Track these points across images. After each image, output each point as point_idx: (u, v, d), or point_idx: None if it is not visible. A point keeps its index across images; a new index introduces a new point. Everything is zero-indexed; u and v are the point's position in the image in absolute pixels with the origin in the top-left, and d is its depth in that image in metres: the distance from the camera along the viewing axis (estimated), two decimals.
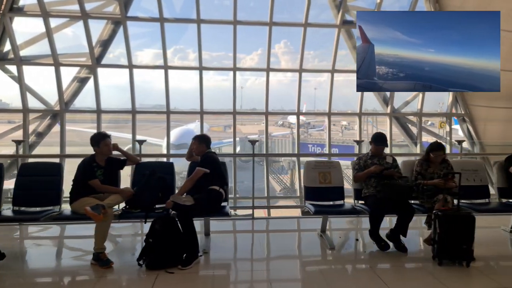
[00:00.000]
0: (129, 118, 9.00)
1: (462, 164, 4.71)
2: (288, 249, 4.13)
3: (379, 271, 3.50)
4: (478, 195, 4.56)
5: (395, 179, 4.01)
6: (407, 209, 3.87)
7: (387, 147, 4.26)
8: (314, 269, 3.62)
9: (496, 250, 4.16)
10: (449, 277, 3.29)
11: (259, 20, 8.77)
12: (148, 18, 8.47)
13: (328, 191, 4.36)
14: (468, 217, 3.49)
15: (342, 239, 4.39)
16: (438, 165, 4.17)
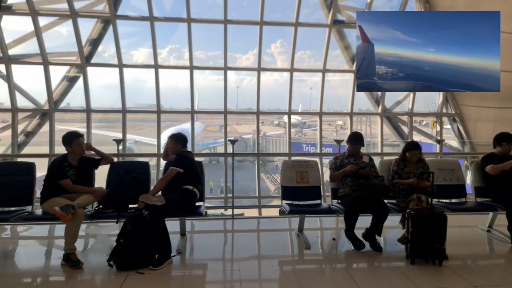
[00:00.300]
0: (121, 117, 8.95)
1: (439, 164, 4.70)
2: (266, 249, 4.09)
3: (351, 270, 3.50)
4: (455, 194, 4.56)
5: (371, 179, 4.01)
6: (382, 209, 3.84)
7: (363, 146, 4.24)
8: (288, 269, 3.59)
9: (471, 249, 4.16)
10: (420, 276, 3.29)
11: (249, 20, 8.76)
12: (137, 17, 8.43)
13: (305, 190, 4.33)
14: (440, 216, 3.48)
15: (319, 239, 4.34)
16: (415, 164, 4.17)
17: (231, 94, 8.97)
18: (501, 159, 4.26)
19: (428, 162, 4.53)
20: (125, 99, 8.79)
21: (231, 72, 9.17)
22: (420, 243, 3.48)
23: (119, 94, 8.74)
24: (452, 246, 4.27)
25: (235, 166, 18.71)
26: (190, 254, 3.90)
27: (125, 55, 8.69)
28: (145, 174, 4.09)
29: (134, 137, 26.09)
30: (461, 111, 10.03)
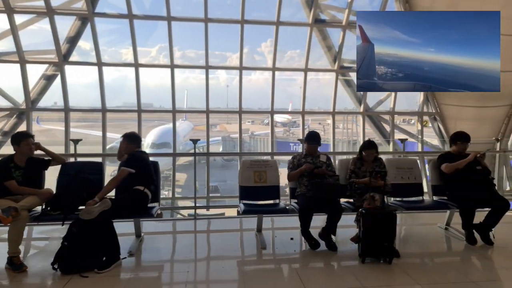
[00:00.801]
0: (116, 116, 8.81)
1: (397, 163, 4.74)
2: (223, 249, 4.05)
3: (302, 270, 3.50)
4: (412, 193, 4.60)
5: (326, 178, 4.01)
6: (335, 208, 3.87)
7: (319, 145, 4.24)
8: (241, 269, 3.57)
9: (426, 247, 4.23)
10: (367, 275, 3.31)
11: (231, 18, 8.69)
12: (116, 14, 8.30)
13: (263, 190, 4.32)
14: (390, 215, 3.51)
15: (277, 238, 4.30)
16: (371, 163, 4.18)
17: (222, 93, 8.91)
18: (457, 158, 4.31)
19: (387, 161, 4.60)
20: (104, 98, 8.66)
21: (222, 71, 9.10)
22: (370, 242, 3.51)
23: (108, 93, 8.59)
24: (409, 244, 4.41)
25: (224, 165, 19.00)
26: (144, 256, 3.82)
27: (114, 53, 8.57)
28: (98, 175, 3.99)
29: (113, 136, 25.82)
30: (441, 110, 10.15)
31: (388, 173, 4.38)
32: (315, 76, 20.83)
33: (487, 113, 10.01)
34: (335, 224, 3.88)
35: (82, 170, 3.71)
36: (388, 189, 3.94)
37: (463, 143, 4.38)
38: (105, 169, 4.13)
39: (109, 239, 3.31)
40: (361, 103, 9.84)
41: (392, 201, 4.40)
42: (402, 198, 4.50)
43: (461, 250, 4.10)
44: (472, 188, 4.12)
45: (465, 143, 4.39)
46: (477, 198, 4.09)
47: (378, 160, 4.23)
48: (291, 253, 3.90)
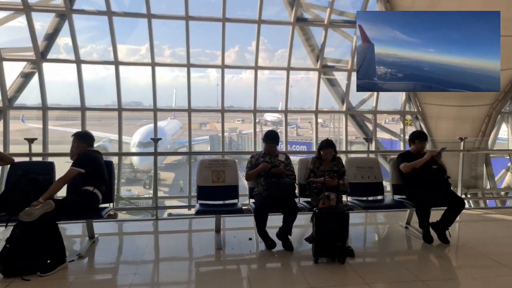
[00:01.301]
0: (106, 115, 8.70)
1: (358, 162, 4.71)
2: (178, 251, 3.97)
3: (253, 271, 3.47)
4: (373, 192, 4.58)
5: (283, 177, 4.01)
6: (291, 208, 3.83)
7: (277, 145, 4.19)
8: (188, 270, 3.52)
9: (384, 246, 4.23)
10: (317, 275, 3.30)
11: (212, 16, 8.64)
12: (94, 11, 8.18)
13: (221, 190, 4.25)
14: (342, 215, 3.49)
15: (236, 239, 4.20)
16: (330, 162, 4.16)
17: (213, 91, 8.85)
18: (415, 157, 4.30)
19: (347, 161, 4.61)
20: (84, 96, 8.54)
21: (212, 70, 9.03)
22: (323, 242, 3.49)
23: (104, 91, 8.49)
24: (367, 243, 4.45)
25: None
26: (95, 258, 3.72)
27: (104, 51, 8.44)
28: (47, 175, 3.84)
29: (109, 135, 25.53)
30: (423, 109, 10.23)
31: (348, 172, 4.38)
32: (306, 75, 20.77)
33: (468, 112, 10.12)
34: (291, 224, 3.83)
35: (31, 171, 3.60)
36: (344, 188, 3.93)
37: (421, 142, 4.36)
38: (55, 169, 3.98)
39: (54, 241, 3.22)
40: (344, 102, 9.87)
41: (351, 200, 4.37)
42: (361, 197, 4.48)
43: (416, 249, 4.10)
44: (427, 187, 4.12)
45: (422, 142, 4.37)
46: (432, 197, 4.09)
47: (336, 159, 4.21)
48: (246, 254, 3.83)
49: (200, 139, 26.16)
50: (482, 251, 3.92)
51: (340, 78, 10.15)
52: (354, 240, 4.32)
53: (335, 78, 10.17)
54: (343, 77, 9.91)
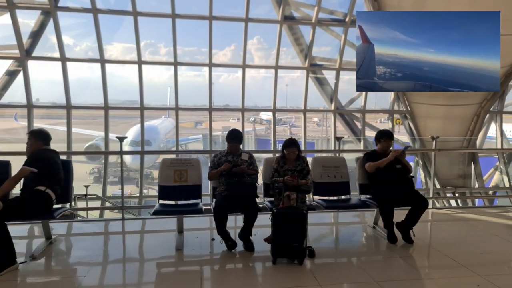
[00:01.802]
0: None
1: (324, 161, 4.68)
2: (137, 252, 3.95)
3: (207, 272, 3.44)
4: (339, 192, 4.55)
5: (245, 177, 3.97)
6: (251, 208, 3.78)
7: (239, 144, 4.14)
8: (142, 272, 3.45)
9: (347, 246, 4.23)
10: (274, 276, 3.29)
11: (199, 14, 8.58)
12: (79, 8, 8.10)
13: (184, 189, 4.19)
14: (299, 215, 3.45)
15: (199, 239, 4.16)
16: (294, 162, 4.11)
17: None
18: (381, 156, 4.27)
19: (314, 160, 4.56)
20: (69, 95, 8.46)
21: (207, 68, 8.99)
22: (281, 242, 3.45)
23: (98, 89, 8.44)
24: (330, 243, 4.44)
25: (206, 163, 18.57)
26: (50, 259, 3.65)
27: (98, 49, 8.35)
28: (4, 174, 3.74)
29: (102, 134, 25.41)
30: (412, 109, 10.23)
31: (314, 171, 4.37)
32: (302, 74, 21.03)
33: (457, 111, 10.12)
34: (252, 224, 3.79)
35: None
36: (306, 188, 3.89)
37: (386, 141, 4.33)
38: (11, 168, 3.90)
39: (1, 242, 3.17)
40: (332, 101, 9.84)
41: (316, 200, 4.34)
42: (327, 197, 4.45)
43: (379, 249, 4.08)
44: (391, 187, 4.10)
45: (388, 141, 4.34)
46: (396, 197, 4.07)
47: (301, 158, 4.16)
48: (205, 255, 3.79)
49: (194, 138, 26.08)
50: (444, 251, 3.93)
51: (329, 77, 10.15)
52: (318, 240, 4.32)
53: (324, 77, 10.15)
54: (332, 76, 9.90)
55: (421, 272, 3.49)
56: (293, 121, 32.55)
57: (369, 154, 4.39)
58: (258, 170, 4.13)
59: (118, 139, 4.95)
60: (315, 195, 4.42)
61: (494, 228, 4.78)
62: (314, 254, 3.63)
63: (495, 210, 5.90)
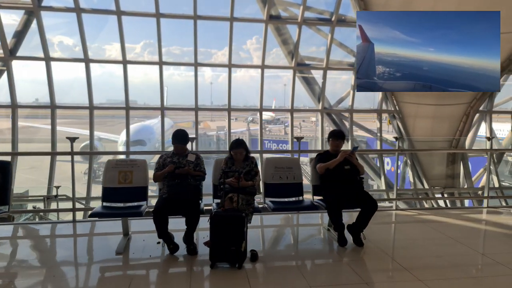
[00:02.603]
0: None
1: (276, 162, 4.56)
2: (74, 256, 3.85)
3: (138, 276, 3.36)
4: (292, 193, 4.42)
5: (189, 178, 3.88)
6: (192, 210, 3.69)
7: (185, 144, 4.03)
8: (71, 277, 3.35)
9: (295, 249, 4.13)
10: (209, 280, 3.24)
11: (184, 14, 8.55)
12: (63, 8, 8.08)
13: (128, 191, 4.08)
14: (237, 218, 3.36)
15: (145, 242, 4.02)
16: (242, 163, 4.02)
17: (207, 90, 8.77)
18: (333, 157, 4.17)
19: (268, 161, 4.48)
20: (54, 94, 8.44)
21: (207, 68, 8.97)
22: (219, 246, 3.35)
23: (86, 89, 8.42)
24: (278, 246, 4.35)
25: (205, 162, 18.23)
26: None
27: (98, 49, 8.37)
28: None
29: (99, 134, 25.42)
30: (400, 108, 10.18)
31: (266, 172, 4.31)
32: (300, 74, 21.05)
33: (446, 111, 10.07)
34: (194, 227, 3.70)
35: None
36: (251, 189, 3.82)
37: (335, 141, 4.23)
38: None
39: None
40: (320, 100, 9.80)
41: (267, 202, 4.26)
42: (280, 199, 4.36)
43: (327, 252, 4.00)
44: (339, 188, 4.03)
45: (337, 141, 4.24)
46: (344, 199, 3.98)
47: (249, 159, 4.06)
48: (145, 258, 3.68)
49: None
50: (392, 254, 3.87)
51: (318, 76, 10.10)
52: (266, 243, 4.21)
53: (313, 77, 10.11)
54: (319, 76, 9.85)
55: (361, 276, 3.34)
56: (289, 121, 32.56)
57: (321, 155, 4.30)
58: (205, 172, 4.07)
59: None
60: (267, 196, 4.33)
61: (453, 231, 4.65)
62: (257, 257, 3.54)
63: (460, 211, 5.81)
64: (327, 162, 4.14)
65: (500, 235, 4.71)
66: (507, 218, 5.48)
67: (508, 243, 4.39)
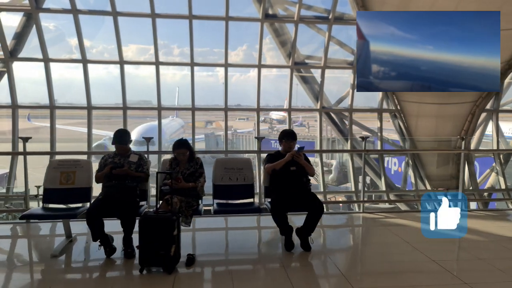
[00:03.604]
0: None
1: (226, 163, 4.48)
2: (9, 257, 3.88)
3: (58, 279, 3.33)
4: (242, 195, 4.31)
5: (127, 180, 3.78)
6: (127, 212, 3.62)
7: (125, 145, 3.97)
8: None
9: (238, 254, 4.04)
10: (135, 285, 3.20)
11: (179, 14, 8.57)
12: (60, 9, 8.21)
13: (70, 192, 4.02)
14: (166, 221, 3.25)
15: (87, 245, 3.99)
16: (186, 163, 3.94)
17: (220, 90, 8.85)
18: (284, 157, 4.06)
19: (217, 161, 4.39)
20: (53, 94, 8.59)
21: (221, 68, 9.08)
22: (147, 250, 3.25)
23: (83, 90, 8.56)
24: (225, 249, 4.21)
25: (211, 162, 18.93)
26: None
27: (113, 50, 8.52)
28: None
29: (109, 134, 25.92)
30: (402, 107, 9.92)
31: (216, 173, 4.25)
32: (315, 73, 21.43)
33: (450, 110, 9.76)
34: (129, 230, 3.62)
35: None
36: (193, 192, 3.73)
37: (288, 142, 4.09)
38: None
39: None
40: (318, 99, 9.66)
41: (214, 204, 4.19)
42: (229, 200, 4.27)
43: (270, 257, 3.90)
44: (284, 190, 3.91)
45: (289, 142, 4.09)
46: (287, 201, 3.85)
47: (194, 160, 3.98)
48: (78, 261, 3.63)
49: (197, 138, 26.20)
50: (336, 259, 3.75)
51: (318, 75, 9.96)
52: (209, 247, 4.10)
53: (313, 76, 9.98)
54: (318, 75, 9.71)
55: (294, 283, 3.22)
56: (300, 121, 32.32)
57: (271, 155, 4.18)
58: (149, 173, 4.01)
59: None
60: (215, 198, 4.24)
61: (411, 235, 4.44)
62: (193, 262, 3.47)
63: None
64: (273, 164, 4.02)
65: (464, 241, 4.36)
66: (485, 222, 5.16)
67: (467, 250, 4.10)
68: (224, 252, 4.12)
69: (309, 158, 4.24)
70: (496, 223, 5.15)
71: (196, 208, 3.79)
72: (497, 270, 3.51)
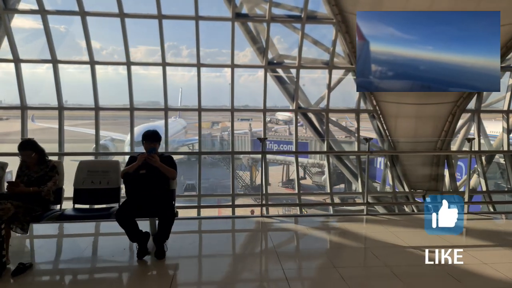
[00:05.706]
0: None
1: (90, 165, 4.29)
2: None
3: None
4: (107, 199, 4.14)
5: None
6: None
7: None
8: None
9: (98, 261, 3.92)
10: None
11: (148, 13, 8.49)
12: (28, 10, 8.21)
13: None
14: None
15: None
16: (35, 166, 3.75)
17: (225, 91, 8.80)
18: None
19: (81, 164, 4.24)
20: (24, 96, 8.60)
21: (229, 70, 9.07)
22: None
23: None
24: (70, 257, 4.05)
25: (213, 163, 19.17)
26: None
27: (121, 52, 8.55)
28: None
29: (112, 134, 26.04)
30: (380, 107, 9.70)
31: (78, 177, 4.12)
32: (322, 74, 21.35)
33: (429, 110, 9.52)
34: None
35: None
36: (33, 196, 3.58)
37: (147, 143, 3.91)
38: None
39: None
40: (294, 99, 9.51)
41: (69, 210, 4.03)
42: (92, 205, 4.16)
43: (124, 265, 3.76)
44: (133, 195, 3.77)
45: (149, 143, 3.91)
46: (134, 206, 3.70)
47: (45, 163, 3.82)
48: None
49: (194, 138, 26.22)
50: (184, 266, 3.64)
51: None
52: (53, 255, 3.93)
53: (292, 76, 9.83)
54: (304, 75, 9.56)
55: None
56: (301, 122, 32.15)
57: (132, 158, 4.01)
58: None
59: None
60: (77, 203, 4.09)
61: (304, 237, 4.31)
62: (22, 271, 3.31)
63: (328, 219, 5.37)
64: (126, 167, 3.88)
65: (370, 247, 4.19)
66: None
67: (378, 256, 3.90)
68: (72, 260, 3.90)
69: (175, 161, 4.08)
70: None
71: (41, 215, 3.62)
72: None
